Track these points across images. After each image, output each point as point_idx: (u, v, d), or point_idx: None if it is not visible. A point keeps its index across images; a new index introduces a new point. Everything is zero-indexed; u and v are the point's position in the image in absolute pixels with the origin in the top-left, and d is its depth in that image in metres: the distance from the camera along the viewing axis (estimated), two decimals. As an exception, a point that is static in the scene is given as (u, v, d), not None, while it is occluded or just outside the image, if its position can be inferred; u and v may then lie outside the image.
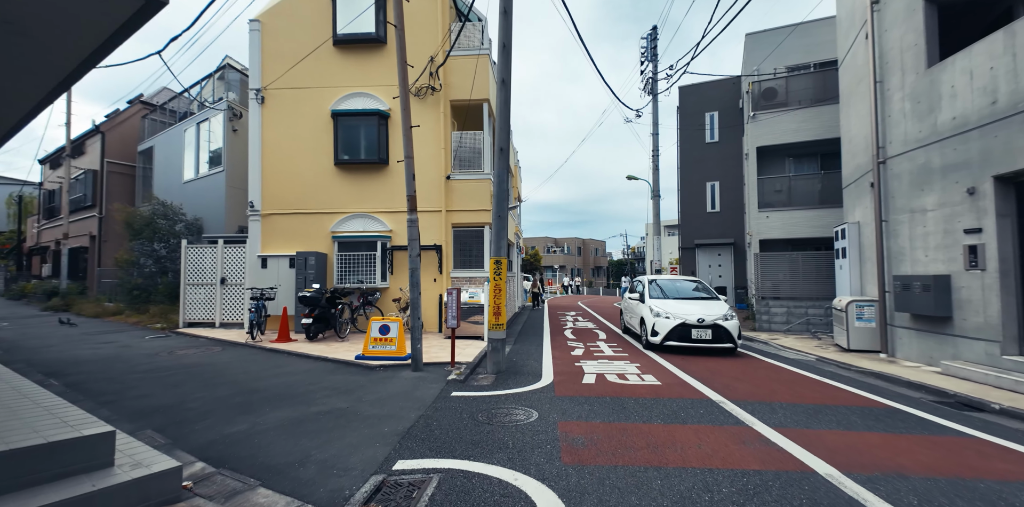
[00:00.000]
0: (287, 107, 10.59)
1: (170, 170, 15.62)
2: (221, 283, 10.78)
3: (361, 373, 6.27)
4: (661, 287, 9.33)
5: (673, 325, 7.84)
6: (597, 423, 4.13)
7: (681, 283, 9.64)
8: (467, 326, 9.29)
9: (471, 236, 10.34)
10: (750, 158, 13.62)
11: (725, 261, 17.14)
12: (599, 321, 13.76)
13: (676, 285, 9.49)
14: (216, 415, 4.58)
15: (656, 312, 8.22)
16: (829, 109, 12.44)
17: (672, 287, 9.39)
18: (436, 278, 10.11)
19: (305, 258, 9.83)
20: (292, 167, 10.52)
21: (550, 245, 56.18)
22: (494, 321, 6.38)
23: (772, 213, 12.95)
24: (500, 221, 6.46)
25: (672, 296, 8.97)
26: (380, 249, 10.03)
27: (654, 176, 17.05)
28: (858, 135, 9.00)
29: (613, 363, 7.03)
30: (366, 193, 10.36)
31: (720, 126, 17.46)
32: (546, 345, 8.92)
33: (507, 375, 6.20)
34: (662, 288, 9.28)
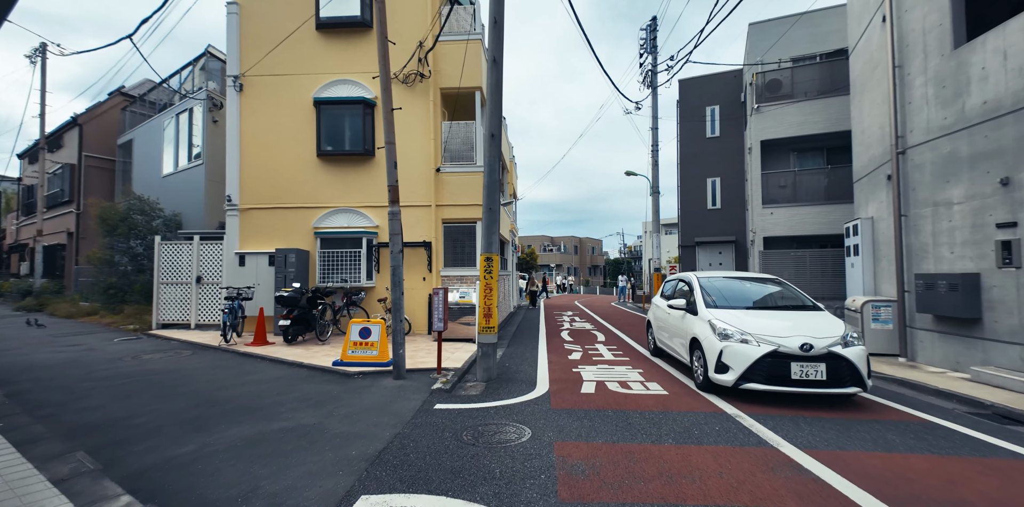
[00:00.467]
0: (267, 95, 9.97)
1: (150, 164, 14.95)
2: (197, 282, 10.16)
3: (337, 381, 5.69)
4: (720, 290, 6.02)
5: (759, 355, 4.71)
6: (599, 444, 3.58)
7: (752, 284, 6.37)
8: (458, 327, 8.73)
9: (463, 232, 9.76)
10: (753, 152, 13.11)
11: (726, 260, 16.64)
12: (597, 322, 13.23)
13: (745, 288, 6.24)
14: (164, 433, 4.00)
15: (723, 331, 5.03)
16: (837, 101, 11.95)
17: (739, 290, 6.14)
18: (425, 277, 9.53)
19: (285, 255, 9.23)
20: (272, 159, 9.90)
21: (546, 244, 55.66)
22: (484, 324, 5.82)
23: (777, 209, 12.45)
24: (491, 215, 5.90)
25: (741, 305, 5.73)
26: (366, 246, 9.44)
27: (653, 172, 16.53)
28: (872, 125, 8.49)
29: (614, 369, 6.48)
30: (351, 186, 9.76)
31: (721, 120, 16.96)
32: (542, 348, 8.37)
33: (499, 383, 5.65)
34: (722, 292, 5.98)
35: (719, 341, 4.99)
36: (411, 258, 9.55)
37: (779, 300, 6.01)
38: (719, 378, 4.94)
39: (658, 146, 16.46)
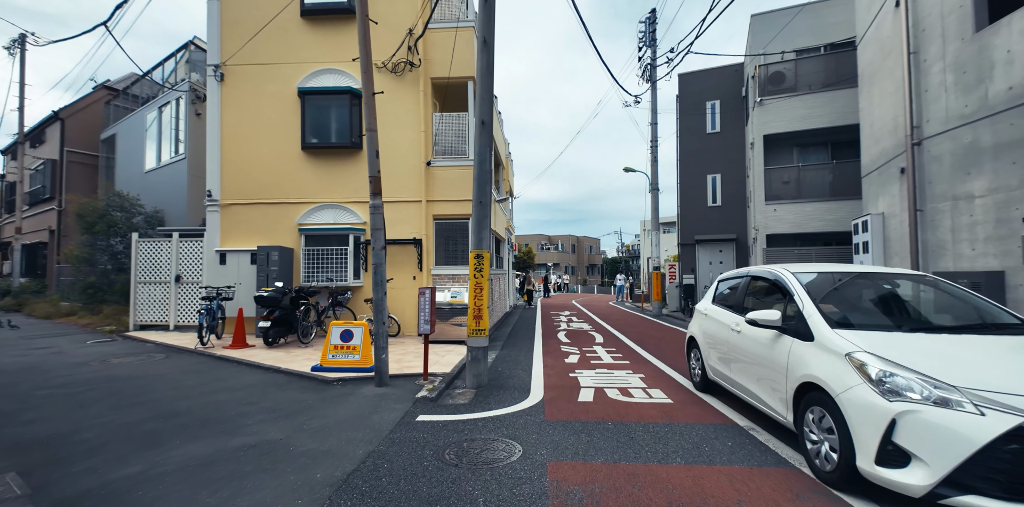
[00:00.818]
0: (249, 85, 9.50)
1: (132, 159, 14.45)
2: (176, 281, 9.69)
3: (314, 389, 5.26)
4: (847, 298, 3.73)
5: (991, 437, 2.26)
6: (598, 465, 3.16)
7: (888, 284, 4.00)
8: (449, 329, 8.30)
9: (455, 229, 9.33)
10: (756, 147, 12.72)
11: (727, 258, 16.26)
12: (595, 323, 12.82)
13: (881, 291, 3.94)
14: (110, 450, 3.56)
15: (890, 379, 2.63)
16: (842, 94, 11.57)
17: (875, 296, 3.88)
18: (416, 276, 9.09)
19: (267, 253, 8.78)
20: (254, 152, 9.44)
21: (544, 242, 55.26)
22: (474, 326, 5.39)
23: (780, 206, 12.06)
24: (482, 209, 5.47)
25: (893, 324, 3.40)
26: (353, 243, 8.99)
27: (652, 168, 16.13)
28: (883, 116, 8.10)
29: (613, 373, 6.07)
30: (337, 181, 9.31)
31: (722, 116, 16.56)
32: (537, 350, 7.95)
33: (489, 390, 5.22)
34: (850, 301, 3.73)
35: (884, 400, 2.54)
36: (400, 256, 9.11)
37: (952, 314, 3.59)
38: (887, 476, 2.47)
39: (657, 142, 16.06)
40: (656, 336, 9.87)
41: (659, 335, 10.06)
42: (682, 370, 6.30)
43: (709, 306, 5.18)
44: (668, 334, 10.28)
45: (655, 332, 10.62)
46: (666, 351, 7.88)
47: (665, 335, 10.08)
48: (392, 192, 9.11)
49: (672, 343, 8.84)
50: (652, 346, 8.42)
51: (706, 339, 5.01)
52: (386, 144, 9.17)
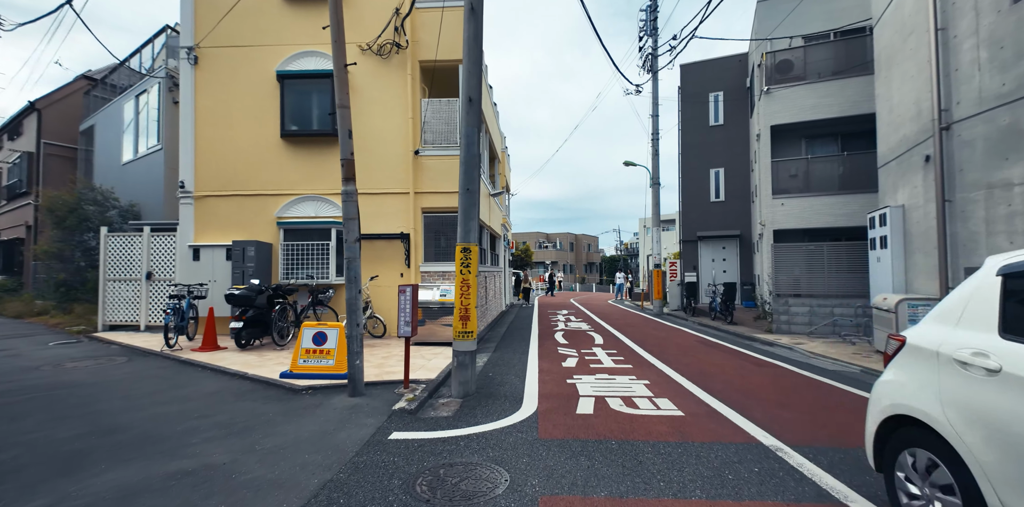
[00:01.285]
0: (225, 68, 8.88)
1: (110, 151, 13.80)
2: (147, 279, 9.09)
3: (279, 399, 4.68)
4: None
5: None
6: (601, 501, 2.59)
7: None
8: (438, 329, 7.73)
9: (446, 223, 8.74)
10: (762, 139, 12.16)
11: (730, 255, 15.73)
12: (594, 322, 12.27)
13: None
14: (23, 476, 2.98)
15: None
16: (853, 82, 11.02)
17: None
18: (403, 273, 8.51)
19: (243, 248, 8.18)
20: (231, 140, 8.83)
21: (542, 240, 54.69)
22: (460, 328, 4.82)
23: (788, 200, 11.51)
24: (469, 197, 4.89)
25: None
26: (335, 238, 8.41)
27: (653, 162, 15.56)
28: (904, 101, 7.54)
29: (615, 379, 5.51)
30: (319, 171, 8.71)
31: (725, 107, 16.00)
32: (532, 352, 7.39)
33: (477, 399, 4.66)
34: None
35: None
36: (387, 252, 8.53)
37: None
38: None
39: (658, 134, 15.49)
40: (658, 337, 9.32)
41: (661, 336, 9.51)
42: (691, 375, 5.74)
43: (953, 340, 2.14)
44: (671, 335, 9.73)
45: (657, 332, 10.07)
46: (670, 353, 7.33)
47: (668, 336, 9.53)
48: (377, 183, 8.53)
49: (676, 344, 8.29)
50: (655, 348, 7.87)
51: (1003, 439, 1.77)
52: (371, 132, 8.59)
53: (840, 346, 8.09)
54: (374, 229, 8.51)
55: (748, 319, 12.10)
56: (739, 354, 7.43)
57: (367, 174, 8.54)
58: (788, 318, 9.70)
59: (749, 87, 15.16)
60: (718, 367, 6.32)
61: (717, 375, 5.81)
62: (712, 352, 7.58)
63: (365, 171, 8.50)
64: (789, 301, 9.73)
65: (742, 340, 9.16)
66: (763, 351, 7.81)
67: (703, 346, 8.22)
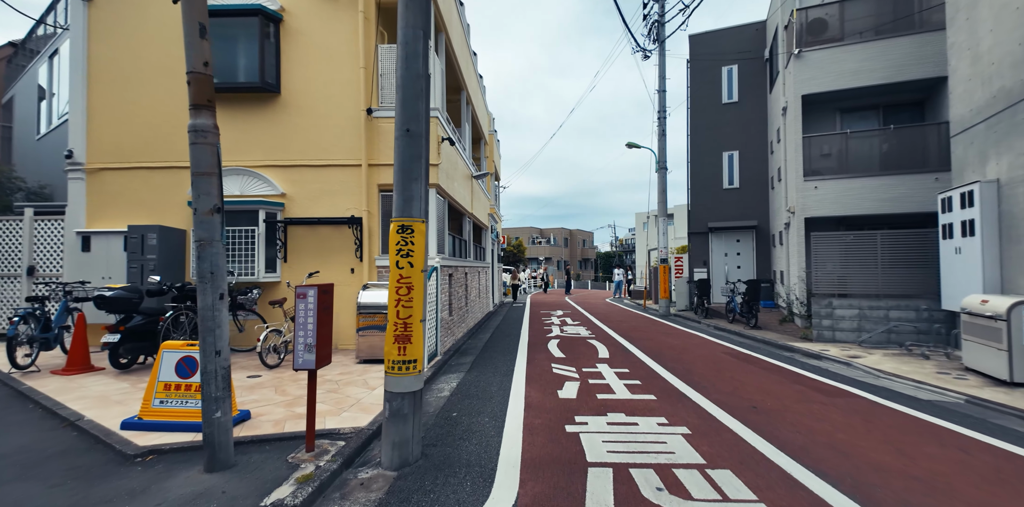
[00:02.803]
0: (126, 8, 6.94)
1: (27, 125, 11.76)
2: (29, 274, 7.15)
3: (89, 473, 2.81)
4: None
5: None
6: None
7: None
8: (394, 342, 5.89)
9: (409, 205, 6.88)
10: (791, 112, 10.41)
11: (744, 248, 14.02)
12: (594, 326, 10.48)
13: None
14: None
15: None
16: (901, 43, 9.31)
17: None
18: (354, 267, 6.66)
19: (142, 236, 6.28)
20: (133, 98, 6.90)
21: (535, 236, 52.92)
22: (396, 356, 2.99)
23: (823, 183, 9.78)
24: (411, 143, 3.05)
25: None
26: (264, 222, 6.53)
27: (660, 144, 13.77)
28: (1000, 45, 5.80)
29: (638, 425, 3.71)
30: (246, 137, 6.81)
31: (740, 82, 14.22)
32: (518, 373, 5.58)
33: (421, 474, 2.84)
34: None
35: None
36: (333, 241, 6.67)
37: None
38: None
39: (666, 113, 13.68)
40: (675, 346, 7.56)
41: (678, 345, 7.74)
42: (743, 413, 3.95)
43: None
44: (688, 343, 7.96)
45: (671, 340, 8.30)
46: (700, 373, 5.56)
47: (685, 345, 7.76)
48: (319, 151, 6.66)
49: (701, 358, 6.52)
50: (676, 363, 6.10)
51: None
52: (312, 85, 6.70)
53: (910, 361, 6.36)
54: (315, 211, 6.65)
55: (772, 322, 10.39)
56: (787, 373, 5.67)
57: (306, 139, 6.66)
58: (831, 323, 7.97)
59: (768, 58, 13.41)
60: (774, 397, 4.55)
61: (781, 413, 4.04)
62: (751, 370, 5.82)
63: (304, 136, 6.62)
64: (833, 302, 7.99)
65: (777, 350, 7.43)
66: (813, 368, 6.07)
67: (735, 360, 6.46)
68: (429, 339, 6.01)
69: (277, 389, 4.52)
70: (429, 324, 5.99)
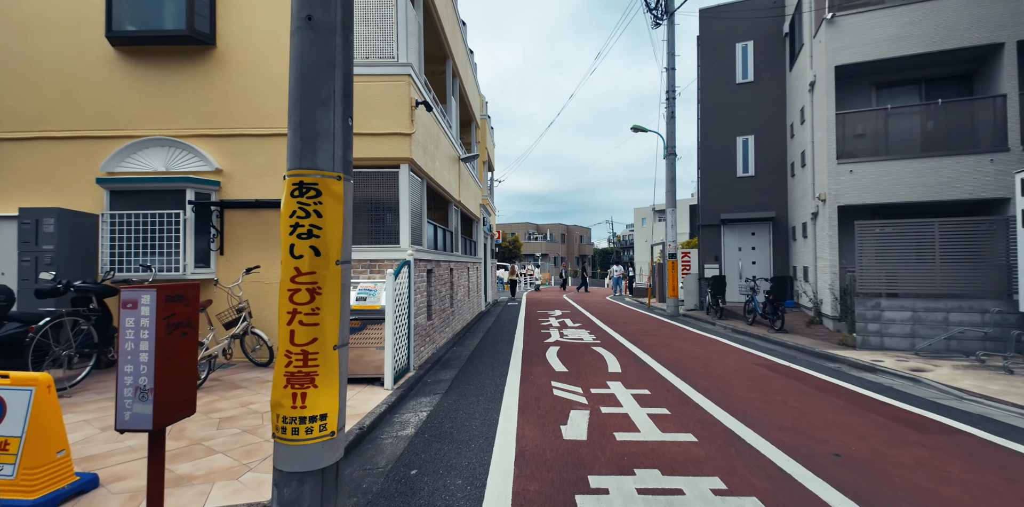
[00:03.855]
0: (24, -63, 5.60)
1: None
2: (-93, 271, 5.83)
3: None
4: None
5: None
6: None
7: None
8: (358, 355, 4.65)
9: (377, 184, 5.60)
10: (820, 86, 9.18)
11: (760, 242, 12.83)
12: (597, 328, 9.26)
13: None
14: None
15: None
16: (949, 4, 8.09)
17: None
18: (306, 261, 5.38)
19: (37, 221, 4.99)
20: (29, 49, 5.57)
21: (531, 231, 51.68)
22: (290, 408, 1.73)
23: (859, 166, 8.58)
24: (312, 38, 1.79)
25: None
26: (194, 206, 5.25)
27: (668, 127, 12.52)
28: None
29: (682, 488, 2.48)
30: (172, 100, 5.50)
31: (756, 60, 12.98)
32: (509, 396, 4.34)
33: None
34: None
35: None
36: (273, 228, 5.39)
37: None
38: None
39: (675, 93, 12.43)
40: (698, 355, 6.34)
41: (700, 354, 6.53)
42: (820, 463, 2.73)
43: None
44: (712, 352, 6.75)
45: (690, 347, 7.09)
46: (739, 395, 4.34)
47: (709, 354, 6.55)
48: (263, 119, 5.37)
49: (734, 373, 5.30)
50: (706, 380, 4.88)
51: None
52: (254, 35, 5.40)
53: (992, 376, 5.18)
54: (260, 191, 5.37)
55: (797, 324, 9.22)
56: (848, 395, 4.47)
57: (249, 103, 5.38)
58: (879, 327, 6.78)
59: (788, 33, 12.17)
60: (853, 436, 3.33)
61: (879, 467, 2.82)
62: (803, 391, 4.61)
63: (246, 99, 5.35)
64: (881, 303, 6.80)
65: (817, 360, 6.25)
66: (872, 384, 4.88)
67: (776, 376, 5.25)
68: (398, 351, 4.77)
69: (170, 429, 3.27)
70: (398, 333, 4.75)
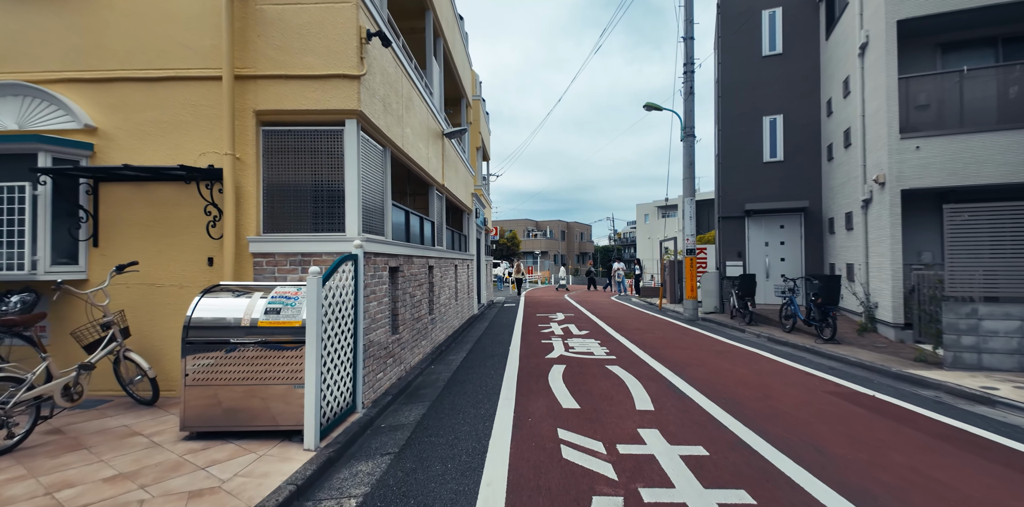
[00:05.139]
0: None
1: None
2: None
3: None
4: None
5: None
6: None
7: None
8: (255, 395, 3.12)
9: (311, 148, 4.05)
10: (876, 48, 7.65)
11: (790, 236, 11.31)
12: (610, 338, 7.72)
13: None
14: None
15: None
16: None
17: None
18: (212, 257, 3.86)
19: None
20: None
21: (530, 228, 50.12)
22: None
23: (927, 142, 7.06)
24: None
25: None
26: (52, 176, 3.71)
27: (686, 104, 10.97)
28: None
29: None
30: (28, 32, 3.96)
31: (785, 30, 11.43)
32: (494, 462, 2.82)
33: None
34: None
35: None
36: (177, 209, 3.87)
37: None
38: None
39: (693, 65, 10.89)
40: (746, 379, 4.81)
41: (749, 376, 4.99)
42: None
43: None
44: (763, 371, 5.21)
45: (732, 365, 5.55)
46: (842, 453, 2.81)
47: (762, 375, 5.01)
48: (151, 57, 3.84)
49: (809, 407, 3.76)
50: (777, 423, 3.35)
51: None
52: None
53: None
54: (147, 157, 3.85)
55: (847, 332, 7.72)
56: (986, 447, 2.95)
57: (131, 36, 3.86)
58: (976, 341, 5.27)
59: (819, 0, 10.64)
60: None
61: None
62: (917, 441, 3.09)
63: (127, 30, 3.83)
64: (979, 310, 5.28)
65: (900, 384, 4.75)
66: (1005, 428, 3.35)
67: (866, 413, 3.73)
68: (334, 387, 3.25)
69: None
70: (334, 360, 3.23)
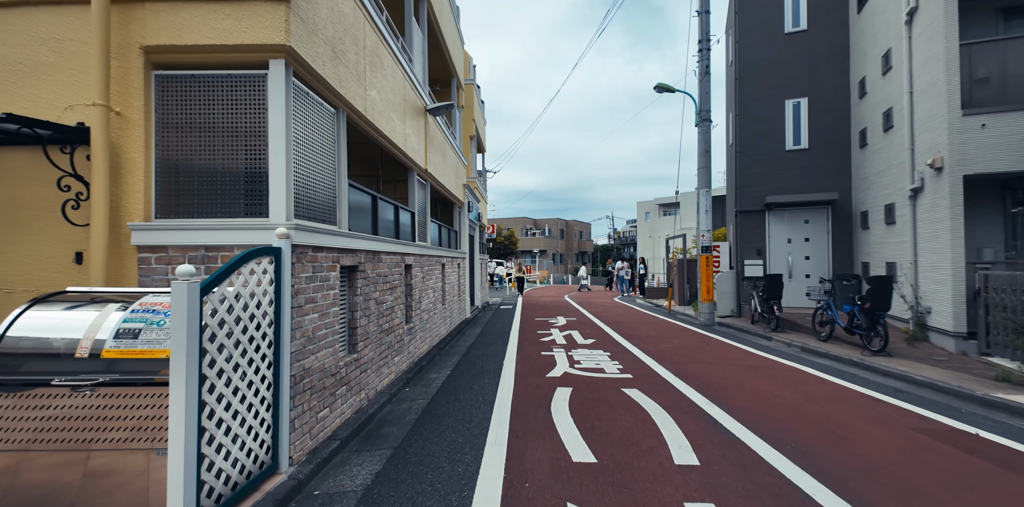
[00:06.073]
0: None
1: None
2: None
3: None
4: None
5: None
6: None
7: None
8: (70, 474, 2.01)
9: (222, 101, 2.97)
10: (929, 11, 6.57)
11: (816, 232, 10.23)
12: (621, 348, 6.64)
13: None
14: None
15: None
16: None
17: None
18: (82, 251, 2.77)
19: None
20: None
21: (528, 226, 49.01)
22: None
23: (995, 119, 6.00)
24: None
25: None
26: None
27: (701, 85, 9.90)
28: None
29: None
30: None
31: (810, 4, 10.35)
32: None
33: None
34: None
35: None
36: (31, 186, 2.77)
37: None
38: None
39: (710, 42, 9.81)
40: (804, 411, 3.73)
41: (804, 405, 3.91)
42: None
43: None
44: (818, 397, 4.13)
45: (776, 387, 4.48)
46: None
47: (819, 403, 3.93)
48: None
49: (908, 455, 2.67)
50: (871, 485, 2.28)
51: None
52: None
53: None
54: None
55: (896, 343, 6.64)
56: None
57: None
58: (1085, 358, 4.19)
59: (854, -35, 9.55)
60: None
61: None
62: None
63: None
64: (1089, 320, 4.21)
65: (997, 415, 3.66)
66: None
67: (988, 465, 2.65)
68: (240, 441, 2.17)
69: None
70: (245, 401, 2.16)
